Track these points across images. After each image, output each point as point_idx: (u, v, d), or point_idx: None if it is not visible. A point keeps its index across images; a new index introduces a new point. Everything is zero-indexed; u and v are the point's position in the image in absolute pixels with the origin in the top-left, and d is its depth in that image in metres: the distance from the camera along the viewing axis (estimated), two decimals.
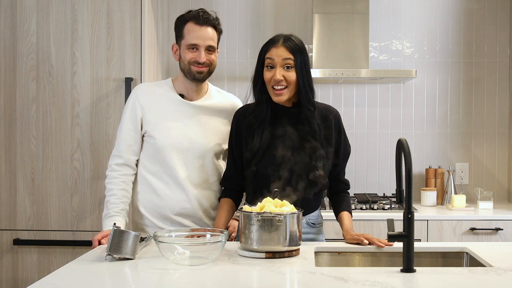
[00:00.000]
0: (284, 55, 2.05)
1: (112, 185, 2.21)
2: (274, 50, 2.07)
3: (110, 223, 2.11)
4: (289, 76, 2.05)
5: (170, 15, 3.60)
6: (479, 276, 1.65)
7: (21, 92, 2.99)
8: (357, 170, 3.67)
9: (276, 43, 2.08)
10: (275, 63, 2.06)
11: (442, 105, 3.68)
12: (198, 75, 2.21)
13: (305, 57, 2.09)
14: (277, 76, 2.04)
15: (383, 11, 3.68)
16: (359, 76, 3.28)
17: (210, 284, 1.61)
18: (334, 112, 2.22)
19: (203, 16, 2.18)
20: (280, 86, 2.06)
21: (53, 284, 1.56)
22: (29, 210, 2.99)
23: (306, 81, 2.09)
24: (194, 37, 2.17)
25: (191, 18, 2.18)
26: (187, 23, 2.19)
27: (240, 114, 2.22)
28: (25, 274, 2.99)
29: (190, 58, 2.18)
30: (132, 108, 2.24)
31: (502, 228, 3.05)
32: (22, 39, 2.99)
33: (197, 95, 2.30)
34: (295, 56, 2.05)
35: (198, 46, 2.18)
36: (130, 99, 2.27)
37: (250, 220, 1.86)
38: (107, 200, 2.20)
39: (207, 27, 2.18)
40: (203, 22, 2.17)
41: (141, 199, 2.27)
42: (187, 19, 2.19)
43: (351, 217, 2.21)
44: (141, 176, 2.27)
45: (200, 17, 2.17)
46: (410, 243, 1.71)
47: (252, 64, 3.70)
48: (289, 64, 2.05)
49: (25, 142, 3.00)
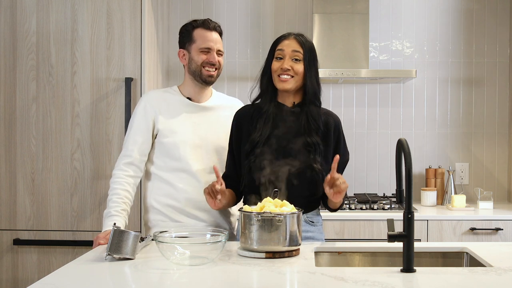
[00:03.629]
0: (294, 47, 2.12)
1: (116, 185, 2.25)
2: (285, 42, 2.14)
3: (110, 222, 2.12)
4: (296, 67, 2.11)
5: (170, 15, 3.60)
6: (479, 276, 1.65)
7: (21, 92, 2.99)
8: (357, 170, 3.67)
9: (288, 37, 2.16)
10: (284, 54, 2.13)
11: (442, 105, 3.68)
12: (209, 78, 2.33)
13: (314, 55, 2.15)
14: (285, 65, 2.11)
15: (383, 11, 3.68)
16: (359, 76, 3.28)
17: (210, 284, 1.61)
18: (335, 118, 2.23)
19: (212, 23, 2.34)
20: (286, 75, 2.11)
21: (53, 284, 1.56)
22: (29, 210, 2.99)
23: (314, 76, 2.13)
24: (206, 40, 2.31)
25: (200, 24, 2.33)
26: (196, 29, 2.33)
27: (240, 114, 2.24)
28: (25, 274, 2.99)
29: (203, 59, 2.31)
30: (145, 109, 2.32)
31: (502, 228, 3.05)
32: (22, 39, 2.99)
33: (203, 97, 2.40)
34: (304, 50, 2.12)
35: (211, 49, 2.31)
36: (141, 102, 2.35)
37: (250, 220, 1.86)
38: (110, 199, 2.23)
39: (216, 33, 2.35)
40: (212, 28, 2.34)
41: (156, 196, 2.31)
42: (195, 26, 2.34)
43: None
44: (155, 175, 2.32)
45: (209, 23, 2.34)
46: (410, 243, 1.71)
47: (252, 64, 3.73)
48: (297, 57, 2.12)
49: (25, 142, 3.00)
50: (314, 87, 2.14)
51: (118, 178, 2.26)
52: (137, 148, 2.29)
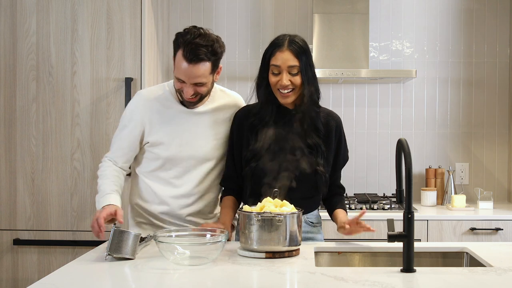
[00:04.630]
0: (289, 61, 2.04)
1: (104, 172, 2.19)
2: (279, 55, 2.05)
3: (107, 200, 2.07)
4: (295, 80, 2.06)
5: (170, 15, 3.60)
6: (479, 276, 1.65)
7: (21, 92, 2.99)
8: (357, 170, 3.67)
9: (281, 47, 2.06)
10: (281, 69, 2.05)
11: (442, 105, 3.68)
12: (188, 103, 2.16)
13: (309, 57, 2.09)
14: (284, 82, 2.04)
15: (383, 11, 3.68)
16: (359, 76, 3.28)
17: (210, 284, 1.61)
18: (335, 118, 2.22)
19: (193, 51, 2.00)
20: (287, 90, 2.06)
21: (53, 284, 1.56)
22: (29, 210, 2.99)
23: (312, 83, 2.10)
24: (181, 73, 2.05)
25: (183, 48, 2.02)
26: (178, 51, 2.05)
27: (242, 115, 2.21)
28: (25, 274, 2.99)
29: (178, 87, 2.11)
30: (133, 116, 2.20)
31: (502, 228, 3.05)
32: (22, 39, 2.99)
33: None
34: (300, 60, 2.05)
35: (183, 82, 2.08)
36: (131, 106, 2.23)
37: (250, 220, 1.86)
38: (100, 184, 2.15)
39: (197, 64, 2.02)
40: (190, 59, 2.01)
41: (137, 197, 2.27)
42: (180, 45, 2.04)
43: (345, 213, 2.20)
44: (140, 177, 2.26)
45: (188, 53, 2.00)
46: (410, 243, 1.71)
47: (252, 64, 3.73)
48: (295, 70, 2.05)
49: (25, 142, 3.00)
50: (312, 92, 2.10)
51: (106, 168, 2.20)
52: (121, 154, 2.22)
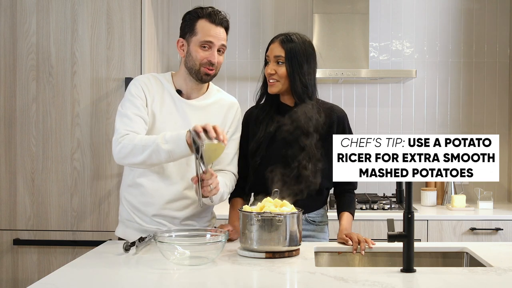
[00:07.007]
0: (276, 51, 2.17)
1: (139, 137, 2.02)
2: (271, 46, 2.21)
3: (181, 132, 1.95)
4: (279, 70, 2.17)
5: (170, 15, 3.60)
6: (479, 276, 1.65)
7: (21, 92, 2.99)
8: None
9: (275, 40, 2.21)
10: (270, 59, 2.20)
11: (442, 105, 3.68)
12: (206, 77, 2.14)
13: (299, 55, 2.14)
14: (268, 70, 2.18)
15: (383, 11, 3.68)
16: (359, 76, 3.28)
17: (210, 284, 1.61)
18: (338, 112, 2.24)
19: (218, 15, 2.14)
20: (272, 79, 2.19)
21: (53, 284, 1.56)
22: (29, 210, 2.99)
23: (299, 76, 2.14)
24: (209, 35, 2.11)
25: (206, 15, 2.12)
26: (200, 20, 2.12)
27: (249, 115, 2.31)
28: (25, 274, 2.99)
29: (202, 58, 2.11)
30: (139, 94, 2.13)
31: (502, 228, 3.05)
32: (22, 39, 2.99)
33: (196, 93, 2.21)
34: (286, 52, 2.15)
35: (212, 44, 2.12)
36: (134, 85, 2.17)
37: (250, 220, 1.86)
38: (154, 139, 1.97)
39: (221, 28, 2.15)
40: (218, 22, 2.14)
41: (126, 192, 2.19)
42: (200, 15, 2.12)
43: (350, 218, 2.20)
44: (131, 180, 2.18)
45: (215, 16, 2.13)
46: (410, 243, 1.71)
47: (252, 64, 3.73)
48: (280, 60, 2.16)
49: (25, 142, 3.00)
50: (300, 87, 2.14)
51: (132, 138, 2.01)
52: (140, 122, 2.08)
